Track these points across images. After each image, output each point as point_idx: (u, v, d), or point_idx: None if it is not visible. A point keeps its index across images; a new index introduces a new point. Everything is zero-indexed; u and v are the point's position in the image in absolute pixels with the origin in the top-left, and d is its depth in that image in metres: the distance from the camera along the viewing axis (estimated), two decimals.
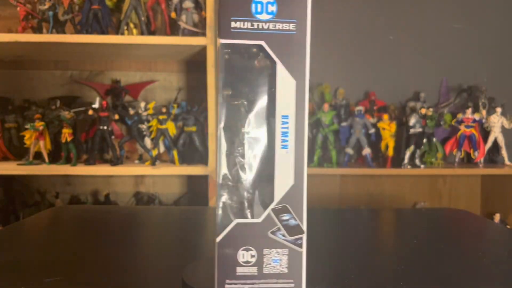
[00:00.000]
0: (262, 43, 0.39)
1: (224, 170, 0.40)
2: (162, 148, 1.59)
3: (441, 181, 1.88)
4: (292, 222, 0.40)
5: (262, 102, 0.40)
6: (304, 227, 0.40)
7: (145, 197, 1.78)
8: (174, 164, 1.53)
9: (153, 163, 1.53)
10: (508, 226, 1.68)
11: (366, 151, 1.61)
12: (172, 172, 1.59)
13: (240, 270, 0.40)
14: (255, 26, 0.39)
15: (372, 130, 1.63)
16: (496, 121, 1.67)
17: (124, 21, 1.52)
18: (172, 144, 1.55)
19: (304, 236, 0.40)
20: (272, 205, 0.40)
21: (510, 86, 1.86)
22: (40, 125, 1.52)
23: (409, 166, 1.61)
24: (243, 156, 0.40)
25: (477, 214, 0.95)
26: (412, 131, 1.60)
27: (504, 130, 1.69)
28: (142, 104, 1.58)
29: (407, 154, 1.61)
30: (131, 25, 1.54)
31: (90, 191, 1.81)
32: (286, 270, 0.40)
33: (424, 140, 1.63)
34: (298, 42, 0.39)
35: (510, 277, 0.50)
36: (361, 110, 1.62)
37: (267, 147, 0.40)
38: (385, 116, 1.63)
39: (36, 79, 1.78)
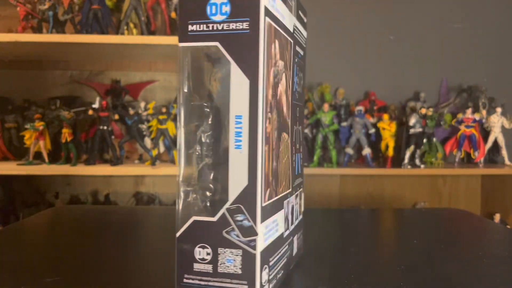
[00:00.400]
0: (217, 44, 0.40)
1: (184, 168, 0.41)
2: (162, 148, 1.59)
3: (441, 181, 1.88)
4: (246, 223, 0.40)
5: (221, 102, 0.41)
6: (258, 229, 0.39)
7: (145, 197, 1.78)
8: (174, 164, 1.53)
9: (153, 163, 1.53)
10: (508, 226, 1.68)
11: (366, 151, 1.61)
12: (172, 172, 1.59)
13: (196, 266, 0.41)
14: (210, 28, 0.40)
15: (372, 130, 1.63)
16: (496, 121, 1.67)
17: (124, 21, 1.52)
18: (172, 144, 1.55)
19: (258, 238, 0.40)
20: (227, 205, 0.40)
21: (510, 86, 1.87)
22: (40, 125, 1.52)
23: (409, 166, 1.61)
24: (203, 155, 0.41)
25: (477, 214, 0.95)
26: (412, 131, 1.60)
27: (504, 130, 1.69)
28: (142, 104, 1.58)
29: (407, 154, 1.61)
30: (131, 25, 1.54)
31: (90, 191, 1.81)
32: (239, 271, 0.40)
33: (424, 140, 1.63)
34: (251, 40, 0.39)
35: (510, 277, 0.50)
36: (361, 110, 1.62)
37: (224, 147, 0.41)
38: (385, 116, 1.63)
39: (36, 79, 1.78)
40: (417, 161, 1.62)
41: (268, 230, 0.41)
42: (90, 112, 1.54)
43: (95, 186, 1.80)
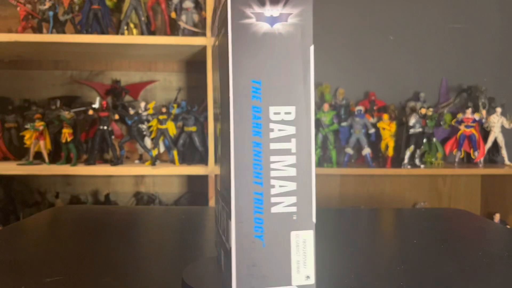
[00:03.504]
0: None
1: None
2: (162, 148, 1.59)
3: (441, 181, 1.88)
4: None
5: None
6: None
7: (145, 197, 1.78)
8: (174, 164, 1.53)
9: (153, 163, 1.53)
10: (508, 226, 1.68)
11: (366, 151, 1.61)
12: (172, 172, 1.59)
13: None
14: None
15: (372, 130, 1.63)
16: (496, 121, 1.67)
17: (124, 21, 1.52)
18: (172, 144, 1.55)
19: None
20: None
21: (510, 86, 1.86)
22: (40, 125, 1.52)
23: (409, 166, 1.61)
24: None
25: (477, 214, 0.95)
26: (412, 131, 1.60)
27: (504, 130, 1.69)
28: (142, 104, 1.58)
29: (407, 154, 1.61)
30: (131, 25, 1.54)
31: (90, 191, 1.81)
32: None
33: (424, 140, 1.63)
34: None
35: (510, 277, 0.50)
36: (361, 110, 1.62)
37: None
38: (385, 116, 1.63)
39: (36, 79, 1.78)
40: (417, 161, 1.62)
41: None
42: (90, 112, 1.54)
43: (95, 186, 1.81)
